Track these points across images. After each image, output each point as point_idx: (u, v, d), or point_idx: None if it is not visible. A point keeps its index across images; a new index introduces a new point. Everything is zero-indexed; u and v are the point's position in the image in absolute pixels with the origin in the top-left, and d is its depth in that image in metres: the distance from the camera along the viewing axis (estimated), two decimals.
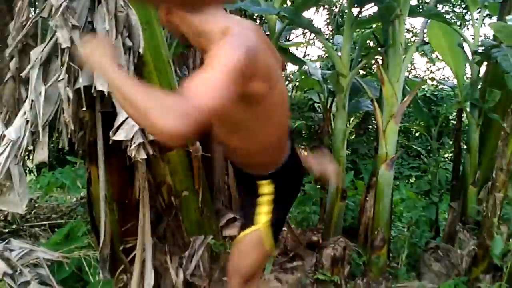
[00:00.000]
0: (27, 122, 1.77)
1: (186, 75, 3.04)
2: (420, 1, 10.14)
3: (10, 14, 2.04)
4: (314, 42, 8.01)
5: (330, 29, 9.17)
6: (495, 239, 2.38)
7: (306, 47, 8.63)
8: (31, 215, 3.29)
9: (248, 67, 1.23)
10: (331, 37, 8.25)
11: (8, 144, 1.74)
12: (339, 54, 2.99)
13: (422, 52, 8.25)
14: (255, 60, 1.28)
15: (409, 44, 8.31)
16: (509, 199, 2.70)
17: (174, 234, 2.56)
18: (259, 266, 1.90)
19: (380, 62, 2.99)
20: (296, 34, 7.87)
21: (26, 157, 2.05)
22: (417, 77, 9.78)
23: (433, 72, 11.03)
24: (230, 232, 2.78)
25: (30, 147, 1.92)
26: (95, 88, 1.86)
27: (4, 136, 1.79)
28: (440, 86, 8.03)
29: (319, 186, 4.37)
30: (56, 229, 3.29)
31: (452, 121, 6.97)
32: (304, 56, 8.69)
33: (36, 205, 3.60)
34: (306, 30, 6.79)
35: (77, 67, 1.82)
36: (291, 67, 7.16)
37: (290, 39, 6.61)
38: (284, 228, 3.08)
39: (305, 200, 4.50)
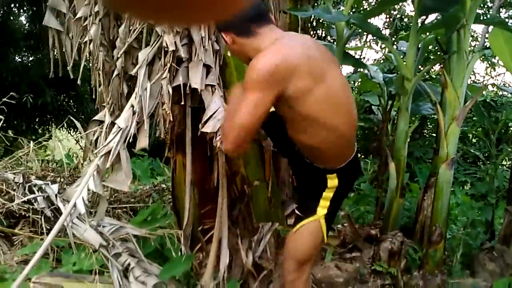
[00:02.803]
0: (134, 113, 2.07)
1: None
2: (483, 6, 10.00)
3: (115, 19, 2.36)
4: (371, 46, 8.12)
5: (388, 32, 9.24)
6: None
7: (362, 51, 8.74)
8: (112, 199, 3.65)
9: (284, 71, 1.60)
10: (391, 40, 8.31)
11: (118, 132, 2.05)
12: (403, 58, 3.16)
13: (483, 57, 8.16)
14: (292, 64, 1.62)
15: (470, 49, 8.23)
16: None
17: (245, 219, 2.81)
18: (314, 253, 2.09)
19: (442, 67, 3.13)
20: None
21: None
22: (476, 82, 9.64)
23: (493, 78, 10.80)
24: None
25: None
26: (189, 86, 2.16)
27: (114, 124, 2.11)
28: (500, 92, 7.92)
29: (374, 186, 4.53)
30: (132, 212, 3.66)
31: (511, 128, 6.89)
32: (360, 58, 8.81)
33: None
34: (365, 34, 6.94)
35: (176, 67, 2.11)
36: (346, 69, 7.30)
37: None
38: (344, 223, 3.28)
39: (360, 199, 4.66)
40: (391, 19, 8.77)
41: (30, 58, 7.87)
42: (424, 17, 3.16)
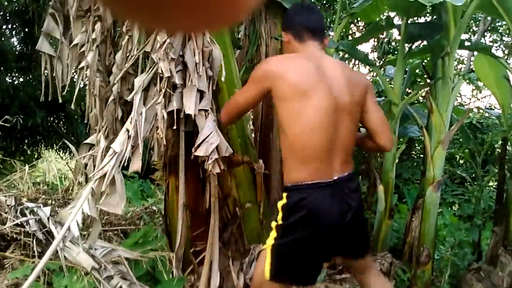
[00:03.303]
0: (129, 137, 2.12)
1: None
2: (469, 30, 10.26)
3: (112, 46, 2.42)
4: (359, 69, 8.28)
5: (376, 55, 9.43)
6: None
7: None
8: (103, 221, 3.66)
9: (271, 73, 1.82)
10: (377, 64, 8.49)
11: (114, 155, 2.09)
12: (390, 83, 3.26)
13: (468, 79, 8.36)
14: (283, 69, 1.81)
15: (455, 72, 8.45)
16: None
17: (237, 241, 2.85)
18: (260, 285, 1.92)
19: (428, 91, 3.23)
20: None
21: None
22: (462, 104, 9.84)
23: (479, 100, 11.02)
24: None
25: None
26: (183, 111, 2.21)
27: (109, 148, 2.16)
28: (486, 114, 8.08)
29: (366, 208, 4.59)
30: (123, 234, 3.67)
31: (497, 149, 7.02)
32: None
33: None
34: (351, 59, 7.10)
35: (171, 92, 2.17)
36: None
37: None
38: None
39: None
40: (378, 43, 8.97)
41: (21, 80, 7.89)
42: (412, 44, 3.27)
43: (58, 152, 8.35)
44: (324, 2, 6.94)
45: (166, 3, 0.29)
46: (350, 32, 8.47)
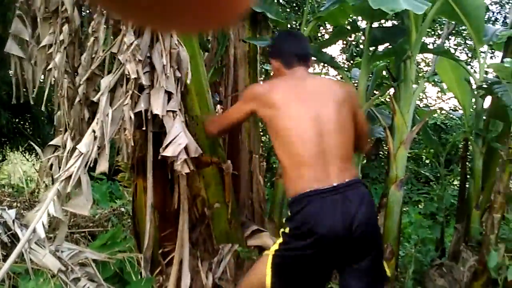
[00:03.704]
0: (95, 138, 2.12)
1: (217, 100, 3.41)
2: (434, 33, 10.53)
3: (79, 47, 2.41)
4: (329, 71, 8.43)
5: (345, 57, 9.60)
6: (491, 254, 2.66)
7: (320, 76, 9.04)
8: (70, 223, 3.62)
9: (258, 94, 2.05)
10: (345, 66, 8.65)
11: (80, 156, 2.08)
12: (356, 85, 3.34)
13: (433, 82, 8.61)
14: (266, 91, 2.02)
15: (421, 74, 8.68)
16: (507, 221, 2.97)
17: (206, 241, 2.87)
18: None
19: (393, 93, 3.34)
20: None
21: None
22: (428, 105, 10.11)
23: (444, 101, 11.35)
24: (253, 242, 3.09)
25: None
26: (151, 112, 2.23)
27: (75, 149, 2.15)
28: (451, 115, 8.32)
29: None
30: (91, 237, 3.63)
31: (460, 149, 7.26)
32: None
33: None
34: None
35: (138, 94, 2.18)
36: None
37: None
38: None
39: None
40: (347, 45, 9.14)
41: None
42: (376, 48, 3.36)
43: (24, 154, 8.16)
44: (294, 4, 7.03)
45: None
46: (320, 35, 8.61)
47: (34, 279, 2.64)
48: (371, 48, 3.08)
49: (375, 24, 3.29)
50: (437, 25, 9.93)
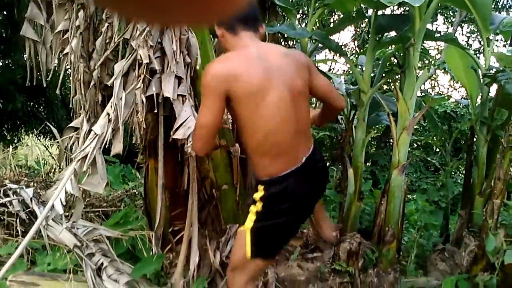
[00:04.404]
0: (109, 120, 2.23)
1: None
2: (447, 20, 10.46)
3: (93, 33, 2.51)
4: (340, 58, 8.44)
5: (356, 44, 9.61)
6: (489, 237, 2.75)
7: (332, 63, 9.07)
8: (85, 203, 3.76)
9: (225, 76, 1.78)
10: (356, 53, 8.67)
11: (95, 138, 2.20)
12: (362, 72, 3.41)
13: (444, 69, 8.58)
14: (234, 71, 1.80)
15: (431, 61, 8.67)
16: (508, 207, 3.04)
17: (214, 221, 2.99)
18: (239, 263, 2.01)
19: (398, 81, 3.40)
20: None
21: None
22: (440, 93, 10.09)
23: (456, 90, 11.31)
24: None
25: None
26: (162, 95, 2.33)
27: (91, 131, 2.27)
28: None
29: (338, 191, 4.77)
30: (104, 216, 3.78)
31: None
32: (330, 70, 9.13)
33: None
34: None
35: (150, 78, 2.28)
36: None
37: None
38: (307, 225, 3.49)
39: (325, 204, 4.91)
40: (358, 32, 9.13)
41: (0, 64, 7.84)
42: (381, 36, 3.42)
43: (38, 137, 8.34)
44: None
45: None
46: (331, 21, 8.62)
47: (51, 254, 2.79)
48: (377, 36, 3.15)
49: (382, 12, 3.34)
50: (450, 12, 9.87)
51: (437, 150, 8.29)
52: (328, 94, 2.07)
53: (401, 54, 3.71)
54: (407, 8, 3.58)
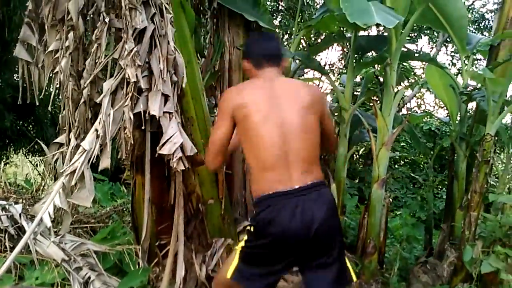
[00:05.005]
0: (97, 136, 2.31)
1: (213, 103, 3.61)
2: (430, 41, 10.70)
3: (83, 53, 2.61)
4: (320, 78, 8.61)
5: (343, 64, 9.80)
6: (466, 248, 2.84)
7: (319, 82, 9.26)
8: (73, 219, 3.80)
9: (230, 102, 2.00)
10: (342, 73, 8.84)
11: (83, 153, 2.28)
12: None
13: (427, 88, 8.79)
14: (239, 97, 2.00)
15: (416, 79, 8.87)
16: (485, 220, 3.13)
17: (200, 235, 3.05)
18: (223, 281, 2.07)
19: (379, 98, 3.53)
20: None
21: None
22: (426, 111, 10.29)
23: (442, 108, 11.51)
24: None
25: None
26: (149, 113, 2.42)
27: (79, 146, 2.34)
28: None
29: None
30: (92, 232, 3.82)
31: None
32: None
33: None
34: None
35: (137, 96, 2.38)
36: None
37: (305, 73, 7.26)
38: None
39: None
40: (346, 51, 9.33)
41: None
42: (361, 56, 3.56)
43: (27, 156, 8.35)
44: (290, 11, 7.24)
45: None
46: (319, 41, 8.82)
47: (39, 268, 2.83)
48: (357, 55, 3.28)
49: (368, 32, 3.49)
50: (434, 33, 10.13)
51: (423, 167, 8.43)
52: (331, 135, 2.20)
53: (383, 73, 3.86)
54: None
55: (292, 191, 1.85)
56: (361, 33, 3.47)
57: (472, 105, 4.23)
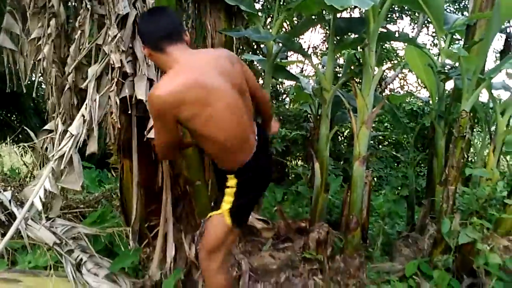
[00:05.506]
0: (84, 121, 2.36)
1: None
2: (412, 22, 10.80)
3: (66, 40, 2.65)
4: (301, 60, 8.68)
5: (326, 46, 9.86)
6: (444, 221, 2.97)
7: (303, 65, 9.34)
8: (63, 205, 3.85)
9: (171, 103, 1.85)
10: (326, 53, 8.89)
11: (71, 138, 2.34)
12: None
13: (409, 69, 8.91)
14: (178, 96, 1.85)
15: (398, 60, 8.98)
16: (463, 193, 3.26)
17: (188, 216, 3.13)
18: (220, 243, 2.25)
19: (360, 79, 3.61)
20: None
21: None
22: (410, 92, 10.44)
23: (424, 88, 11.68)
24: None
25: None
26: (135, 97, 2.48)
27: (67, 132, 2.40)
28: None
29: (310, 187, 4.97)
30: (82, 217, 3.88)
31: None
32: (302, 71, 9.38)
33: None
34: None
35: (122, 81, 2.43)
36: (287, 82, 7.84)
37: (288, 57, 7.32)
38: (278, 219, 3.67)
39: (296, 199, 5.11)
40: (327, 33, 9.39)
41: None
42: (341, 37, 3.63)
43: (12, 146, 8.31)
44: None
45: None
46: (296, 24, 8.85)
47: (31, 253, 2.90)
48: (336, 37, 3.35)
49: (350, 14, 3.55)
50: (416, 14, 10.22)
51: (406, 146, 8.58)
52: (255, 84, 2.28)
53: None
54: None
55: (255, 151, 2.17)
56: (344, 14, 3.52)
57: (451, 84, 4.34)
